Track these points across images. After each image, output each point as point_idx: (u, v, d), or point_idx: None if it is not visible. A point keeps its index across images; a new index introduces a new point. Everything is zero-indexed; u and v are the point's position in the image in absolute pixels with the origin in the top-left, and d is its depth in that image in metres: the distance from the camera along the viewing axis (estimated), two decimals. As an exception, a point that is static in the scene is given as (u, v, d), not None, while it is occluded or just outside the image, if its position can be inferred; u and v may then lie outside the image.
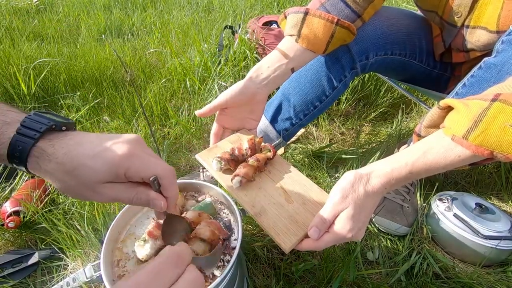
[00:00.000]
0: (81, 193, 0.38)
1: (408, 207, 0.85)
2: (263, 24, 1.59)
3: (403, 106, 1.32)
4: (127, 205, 0.56)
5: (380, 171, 0.50)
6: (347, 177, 0.52)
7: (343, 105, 1.32)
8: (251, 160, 0.62)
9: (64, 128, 0.40)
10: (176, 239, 0.48)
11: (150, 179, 0.39)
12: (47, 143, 0.37)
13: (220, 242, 0.50)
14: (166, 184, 0.41)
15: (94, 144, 0.38)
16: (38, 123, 0.38)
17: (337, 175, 1.01)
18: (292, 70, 0.74)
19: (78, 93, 1.31)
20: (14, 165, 0.38)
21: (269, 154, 0.65)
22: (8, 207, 0.81)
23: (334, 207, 0.50)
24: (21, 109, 0.40)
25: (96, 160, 0.37)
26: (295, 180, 0.63)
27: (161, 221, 0.50)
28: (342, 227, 0.50)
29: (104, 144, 0.38)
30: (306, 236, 0.52)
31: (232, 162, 0.63)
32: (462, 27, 0.72)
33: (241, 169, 0.60)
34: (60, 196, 0.90)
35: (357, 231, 0.50)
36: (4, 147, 0.36)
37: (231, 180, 0.60)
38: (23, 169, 0.38)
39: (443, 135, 0.47)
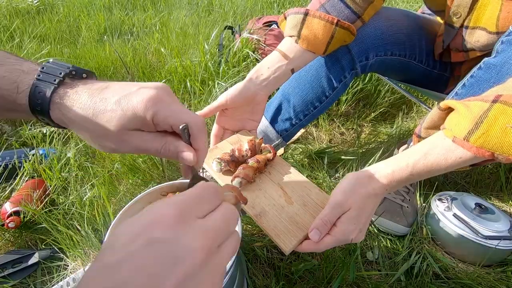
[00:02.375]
0: (105, 141, 0.36)
1: (408, 207, 0.85)
2: (263, 25, 1.60)
3: (403, 107, 1.32)
4: (127, 205, 0.56)
5: (381, 173, 0.50)
6: (348, 179, 0.51)
7: (343, 105, 1.32)
8: (251, 161, 0.62)
9: (84, 75, 0.38)
10: None
11: (180, 127, 0.36)
12: (68, 89, 0.35)
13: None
14: (197, 134, 0.38)
15: (119, 89, 0.35)
16: (58, 69, 0.36)
17: (337, 175, 1.01)
18: (292, 71, 0.74)
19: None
20: (38, 117, 0.35)
21: (269, 155, 0.65)
22: (8, 207, 0.81)
23: (335, 209, 0.50)
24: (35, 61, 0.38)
25: (121, 104, 0.34)
26: (295, 181, 0.62)
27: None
28: (344, 229, 0.49)
29: (130, 89, 0.35)
30: (307, 237, 0.52)
31: (232, 163, 0.63)
32: (461, 27, 0.72)
33: (241, 170, 0.60)
34: (60, 197, 0.90)
35: (358, 233, 0.50)
36: (24, 95, 0.34)
37: (231, 181, 0.60)
38: (47, 120, 0.36)
39: (443, 137, 0.47)
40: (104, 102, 0.34)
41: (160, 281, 0.21)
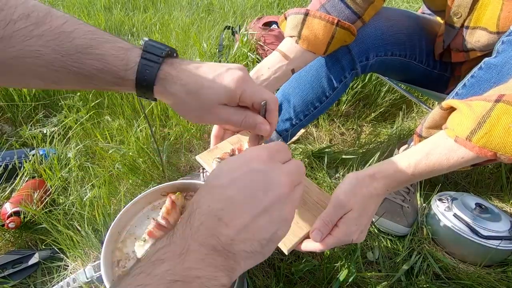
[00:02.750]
0: (198, 113, 0.43)
1: (408, 207, 0.85)
2: (263, 25, 1.60)
3: (403, 107, 1.32)
4: (127, 205, 0.56)
5: (383, 173, 0.50)
6: (349, 180, 0.51)
7: (343, 105, 1.32)
8: None
9: (175, 54, 0.44)
10: None
11: (262, 103, 0.43)
12: (169, 67, 0.41)
13: None
14: (273, 110, 0.44)
15: (212, 68, 0.42)
16: (158, 49, 0.41)
17: (337, 175, 1.01)
18: (293, 71, 0.74)
19: (78, 93, 1.31)
20: (141, 91, 0.41)
21: None
22: (8, 207, 0.81)
23: (337, 210, 0.50)
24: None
25: (216, 82, 0.41)
26: None
27: (161, 221, 0.50)
28: (345, 230, 0.49)
29: (220, 69, 0.42)
30: (306, 236, 0.52)
31: (232, 162, 0.63)
32: (461, 27, 0.72)
33: None
34: (60, 197, 0.90)
35: (359, 234, 0.50)
36: (132, 72, 0.39)
37: None
38: (148, 94, 0.41)
39: (445, 136, 0.47)
40: (202, 79, 0.41)
41: (257, 200, 0.30)
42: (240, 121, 0.44)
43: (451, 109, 0.50)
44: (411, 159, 0.48)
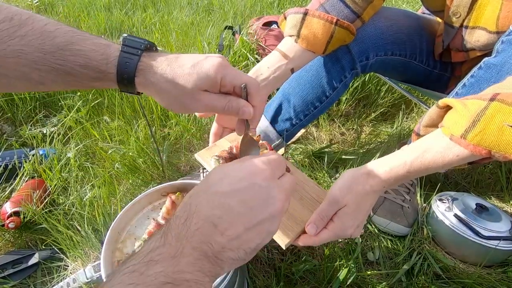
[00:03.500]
0: (180, 100, 0.43)
1: (408, 207, 0.85)
2: (263, 25, 1.60)
3: (404, 107, 1.32)
4: (127, 205, 0.56)
5: (379, 170, 0.51)
6: (346, 176, 0.52)
7: (343, 105, 1.32)
8: None
9: (154, 48, 0.45)
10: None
11: (242, 85, 0.44)
12: (149, 58, 0.42)
13: None
14: (254, 92, 0.45)
15: (190, 57, 0.43)
16: (138, 42, 0.42)
17: (337, 175, 1.01)
18: (292, 71, 0.74)
19: (78, 93, 1.31)
20: (122, 83, 0.42)
21: (266, 151, 0.66)
22: (8, 207, 0.81)
23: (332, 204, 0.51)
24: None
25: (196, 68, 0.42)
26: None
27: (162, 221, 0.50)
28: (341, 224, 0.50)
29: (199, 57, 0.43)
30: (304, 231, 0.53)
31: (230, 160, 0.63)
32: (461, 27, 0.72)
33: None
34: (60, 197, 0.90)
35: (355, 229, 0.51)
36: (113, 65, 0.41)
37: None
38: (130, 86, 0.42)
39: (441, 135, 0.47)
40: (182, 67, 0.42)
41: (254, 214, 0.31)
42: (224, 105, 0.44)
43: (448, 108, 0.50)
44: (407, 156, 0.49)
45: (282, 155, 1.08)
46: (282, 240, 0.51)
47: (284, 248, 0.52)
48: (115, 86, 0.42)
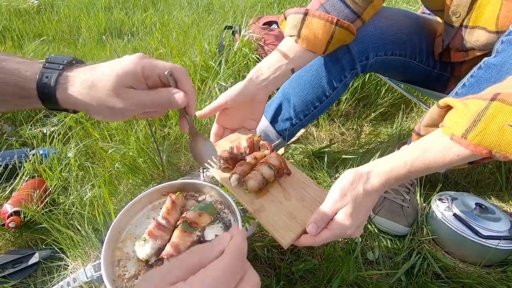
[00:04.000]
0: (107, 103, 0.41)
1: (408, 207, 0.85)
2: (263, 25, 1.60)
3: (403, 106, 1.32)
4: (127, 204, 0.56)
5: (380, 170, 0.51)
6: (347, 176, 0.52)
7: (343, 105, 1.32)
8: (248, 158, 0.63)
9: (83, 64, 0.45)
10: (203, 153, 0.53)
11: (166, 73, 0.42)
12: (69, 72, 0.42)
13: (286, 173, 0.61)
14: (181, 77, 0.44)
15: (107, 62, 0.43)
16: (60, 59, 0.43)
17: (337, 175, 1.01)
18: (292, 71, 0.74)
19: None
20: (44, 98, 0.41)
21: (267, 152, 0.66)
22: (8, 207, 0.81)
23: (332, 204, 0.51)
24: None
25: (114, 68, 0.41)
26: (294, 178, 0.63)
27: (162, 221, 0.50)
28: (341, 224, 0.50)
29: (116, 60, 0.43)
30: (305, 232, 0.53)
31: (231, 160, 0.63)
32: (460, 27, 0.72)
33: (238, 167, 0.61)
34: (61, 197, 0.90)
35: (355, 229, 0.51)
36: (34, 81, 0.41)
37: (229, 178, 0.61)
38: (54, 103, 0.42)
39: (442, 134, 0.47)
40: (100, 71, 0.42)
41: None
42: (154, 98, 0.43)
43: (448, 107, 0.50)
44: (408, 156, 0.49)
45: (282, 155, 1.08)
46: (283, 240, 0.52)
47: (285, 248, 0.52)
48: (40, 104, 0.42)
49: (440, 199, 0.83)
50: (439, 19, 0.89)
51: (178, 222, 0.52)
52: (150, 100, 0.43)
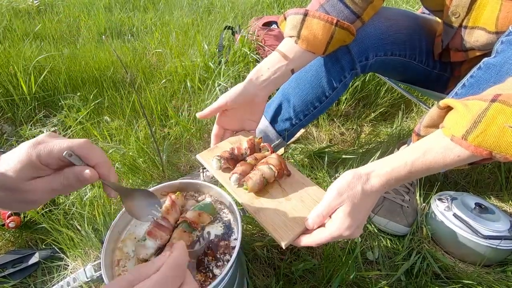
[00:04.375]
0: (15, 200, 0.39)
1: (408, 207, 0.85)
2: (263, 25, 1.60)
3: (403, 106, 1.32)
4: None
5: (380, 170, 0.51)
6: (345, 176, 0.52)
7: (343, 105, 1.32)
8: (249, 159, 0.63)
9: None
10: (139, 209, 0.47)
11: (64, 153, 0.38)
12: None
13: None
14: (84, 153, 0.40)
15: (6, 155, 0.39)
16: None
17: (337, 175, 1.01)
18: (292, 71, 0.74)
19: (79, 93, 1.31)
20: None
21: (267, 153, 0.66)
22: (8, 207, 0.81)
23: (329, 202, 0.51)
24: None
25: (9, 163, 0.37)
26: (294, 178, 0.63)
27: (161, 221, 0.50)
28: (339, 223, 0.50)
29: (13, 150, 0.39)
30: (304, 232, 0.53)
31: (232, 160, 0.64)
32: (460, 27, 0.72)
33: (238, 167, 0.61)
34: (61, 196, 0.90)
35: (354, 229, 0.51)
36: None
37: (229, 178, 0.61)
38: None
39: (442, 135, 0.47)
40: None
41: None
42: (61, 182, 0.40)
43: (449, 108, 0.50)
44: (408, 157, 0.49)
45: (282, 155, 1.08)
46: (282, 240, 0.52)
47: (284, 247, 0.52)
48: None
49: (439, 199, 0.83)
50: (438, 19, 0.89)
51: (178, 222, 0.52)
52: (59, 184, 0.40)
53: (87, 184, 0.42)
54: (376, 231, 0.84)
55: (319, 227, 0.53)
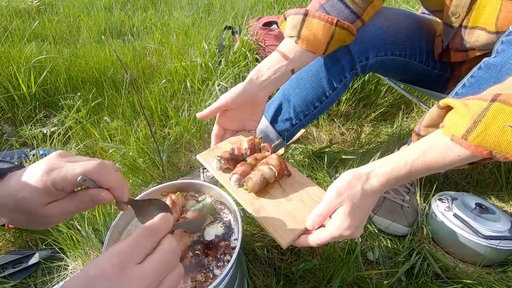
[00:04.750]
0: (34, 222, 0.40)
1: (408, 207, 0.85)
2: (263, 25, 1.60)
3: (403, 106, 1.32)
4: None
5: (380, 170, 0.51)
6: (345, 176, 0.52)
7: (343, 105, 1.32)
8: (249, 159, 0.63)
9: (8, 172, 0.41)
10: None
11: (78, 180, 0.39)
12: None
13: (280, 173, 0.60)
14: (97, 178, 0.40)
15: (21, 177, 0.39)
16: None
17: (337, 175, 1.01)
18: (292, 71, 0.74)
19: (79, 93, 1.31)
20: None
21: (268, 154, 0.66)
22: (8, 207, 0.81)
23: (329, 202, 0.51)
24: None
25: (24, 191, 0.38)
26: (294, 179, 0.63)
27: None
28: (339, 223, 0.50)
29: (28, 174, 0.39)
30: (304, 232, 0.53)
31: (232, 161, 0.64)
32: (460, 27, 0.72)
33: (239, 168, 0.61)
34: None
35: (355, 229, 0.51)
36: None
37: (230, 178, 0.61)
38: None
39: (442, 135, 0.47)
40: (13, 195, 0.38)
41: None
42: (77, 204, 0.41)
43: (449, 108, 0.50)
44: (408, 157, 0.49)
45: (282, 155, 1.08)
46: (282, 241, 0.52)
47: (284, 248, 0.52)
48: None
49: (440, 199, 0.83)
50: (438, 20, 0.89)
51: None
52: (75, 207, 0.41)
53: (101, 204, 0.43)
54: (376, 231, 0.84)
55: (319, 227, 0.53)
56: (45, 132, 1.14)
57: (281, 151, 1.10)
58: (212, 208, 0.57)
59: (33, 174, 0.39)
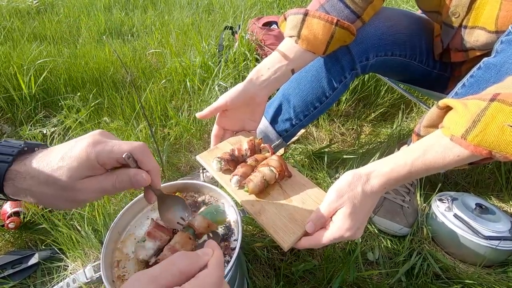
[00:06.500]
0: (63, 197, 0.38)
1: (408, 207, 0.85)
2: (263, 25, 1.60)
3: (403, 107, 1.32)
4: (127, 205, 0.56)
5: (380, 171, 0.51)
6: (345, 177, 0.52)
7: (343, 105, 1.32)
8: (249, 160, 0.63)
9: (36, 149, 0.40)
10: (173, 216, 0.50)
11: (124, 156, 0.38)
12: (19, 164, 0.38)
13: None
14: (141, 157, 0.40)
15: (59, 149, 0.39)
16: (10, 148, 0.38)
17: (337, 175, 1.01)
18: (292, 71, 0.74)
19: (79, 94, 1.31)
20: None
21: (268, 155, 0.66)
22: (8, 207, 0.81)
23: (329, 204, 0.51)
24: None
25: (65, 160, 0.37)
26: (295, 180, 0.63)
27: (161, 222, 0.50)
28: (340, 225, 0.50)
29: (69, 145, 0.39)
30: (305, 234, 0.53)
31: (232, 162, 0.63)
32: (460, 27, 0.72)
33: (239, 169, 0.61)
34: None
35: (355, 230, 0.51)
36: None
37: (230, 179, 0.60)
38: (2, 194, 0.38)
39: (442, 135, 0.47)
40: (49, 165, 0.37)
41: None
42: (113, 183, 0.40)
43: (448, 108, 0.50)
44: (408, 157, 0.49)
45: (282, 155, 1.08)
46: (283, 242, 0.52)
47: (285, 250, 0.52)
48: None
49: (440, 200, 0.83)
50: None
51: (184, 225, 0.52)
52: (111, 185, 0.40)
53: (136, 188, 0.43)
54: (376, 231, 0.84)
55: (320, 228, 0.53)
56: (45, 132, 1.14)
57: (281, 151, 1.10)
58: (223, 217, 0.56)
59: (76, 146, 0.38)
